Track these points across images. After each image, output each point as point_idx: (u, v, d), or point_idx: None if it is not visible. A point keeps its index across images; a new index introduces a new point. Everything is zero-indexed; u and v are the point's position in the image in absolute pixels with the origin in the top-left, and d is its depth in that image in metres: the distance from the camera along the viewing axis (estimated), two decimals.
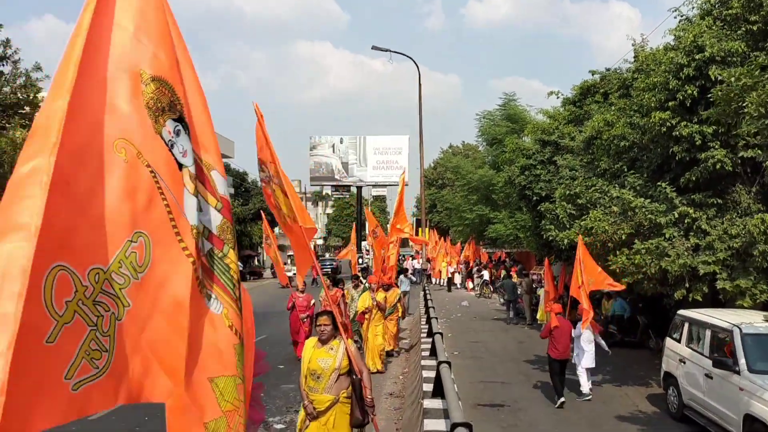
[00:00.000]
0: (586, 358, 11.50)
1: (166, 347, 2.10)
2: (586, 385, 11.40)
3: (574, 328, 11.70)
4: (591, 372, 11.82)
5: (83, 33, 1.88)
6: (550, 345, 11.22)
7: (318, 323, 5.90)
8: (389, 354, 14.27)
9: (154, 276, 2.07)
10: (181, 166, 2.21)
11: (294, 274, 38.39)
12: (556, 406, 10.81)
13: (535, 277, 23.04)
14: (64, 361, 1.73)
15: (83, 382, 1.79)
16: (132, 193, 1.99)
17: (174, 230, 2.13)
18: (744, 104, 8.97)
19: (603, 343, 11.76)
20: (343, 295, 14.00)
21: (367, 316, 13.50)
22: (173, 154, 2.17)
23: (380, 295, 13.96)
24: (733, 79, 9.22)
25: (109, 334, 1.90)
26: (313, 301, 14.41)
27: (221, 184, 2.51)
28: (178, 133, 2.19)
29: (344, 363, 5.72)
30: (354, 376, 5.76)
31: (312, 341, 6.00)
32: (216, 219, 2.39)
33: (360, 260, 19.75)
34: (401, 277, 21.76)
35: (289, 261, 37.62)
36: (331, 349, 5.79)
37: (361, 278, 16.32)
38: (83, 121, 1.87)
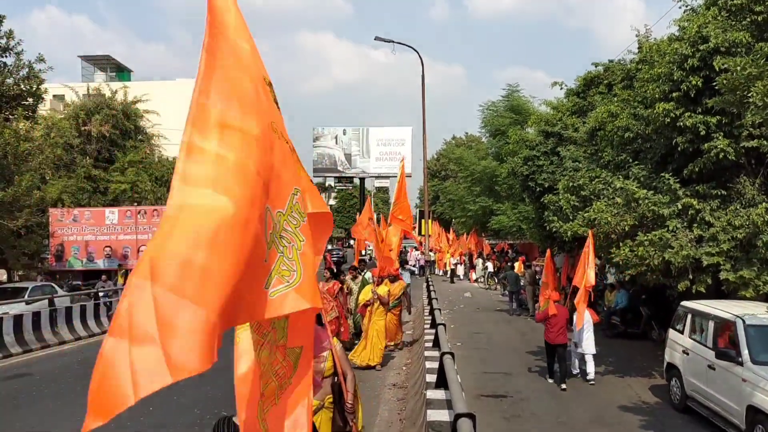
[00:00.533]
0: (585, 344, 12.06)
1: (312, 274, 2.90)
2: (576, 366, 12.25)
3: (571, 319, 12.15)
4: (595, 362, 12.18)
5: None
6: (546, 330, 11.83)
7: None
8: (390, 348, 14.04)
9: (311, 222, 2.93)
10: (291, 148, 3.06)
11: None
12: (548, 378, 11.93)
13: (537, 268, 23.07)
14: (265, 275, 2.51)
15: (277, 291, 2.58)
16: (284, 161, 2.79)
17: (311, 191, 3.01)
18: (749, 94, 8.94)
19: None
20: (341, 289, 13.82)
21: (369, 309, 13.16)
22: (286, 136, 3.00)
23: (383, 289, 13.43)
24: (738, 68, 9.17)
25: (293, 259, 2.70)
26: None
27: None
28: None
29: (329, 365, 5.27)
30: (335, 380, 5.31)
31: None
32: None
33: (363, 251, 19.64)
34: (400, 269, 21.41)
35: None
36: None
37: (358, 270, 16.02)
38: (260, 111, 2.69)
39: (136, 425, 8.85)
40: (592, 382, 11.83)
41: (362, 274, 15.64)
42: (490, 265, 32.27)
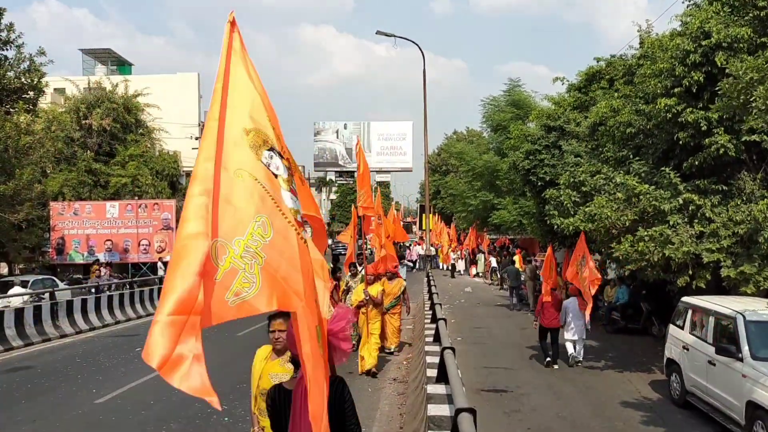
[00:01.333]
0: (575, 330, 12.85)
1: (292, 280, 3.39)
2: (572, 350, 12.94)
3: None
4: (586, 350, 13.19)
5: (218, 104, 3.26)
6: (541, 316, 13.03)
7: (271, 329, 4.43)
8: (389, 352, 13.24)
9: (277, 238, 3.37)
10: (276, 176, 3.54)
11: None
12: (545, 365, 12.67)
13: (537, 263, 23.05)
14: (225, 289, 3.02)
15: (237, 299, 3.06)
16: (250, 197, 3.31)
17: (281, 213, 3.45)
18: (752, 98, 8.91)
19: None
20: (336, 287, 13.12)
21: (363, 311, 11.89)
22: (270, 170, 3.49)
23: (375, 288, 12.25)
24: (740, 72, 9.15)
25: (254, 273, 3.17)
26: None
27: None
28: (271, 157, 3.51)
29: None
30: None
31: (264, 351, 4.73)
32: (297, 204, 3.77)
33: (363, 246, 19.50)
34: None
35: None
36: (288, 362, 4.27)
37: (357, 266, 15.24)
38: (218, 164, 3.21)
39: (138, 419, 8.89)
40: (579, 363, 12.74)
41: (361, 270, 14.96)
42: (494, 261, 32.11)
